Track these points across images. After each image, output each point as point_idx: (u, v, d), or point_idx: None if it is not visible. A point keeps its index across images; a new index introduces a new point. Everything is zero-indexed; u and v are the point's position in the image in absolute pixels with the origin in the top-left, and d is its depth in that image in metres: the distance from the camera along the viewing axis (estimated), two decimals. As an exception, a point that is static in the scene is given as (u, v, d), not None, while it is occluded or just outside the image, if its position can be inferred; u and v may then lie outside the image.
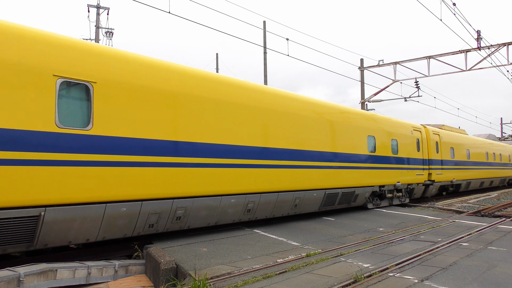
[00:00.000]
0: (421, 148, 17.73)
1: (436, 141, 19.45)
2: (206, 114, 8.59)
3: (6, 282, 5.53)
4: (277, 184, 10.23)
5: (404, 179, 16.07)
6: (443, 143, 20.25)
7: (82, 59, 6.75)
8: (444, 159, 19.99)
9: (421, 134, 18.05)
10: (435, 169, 18.78)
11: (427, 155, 18.25)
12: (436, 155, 19.14)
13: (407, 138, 16.67)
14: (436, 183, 19.02)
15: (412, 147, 16.90)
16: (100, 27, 23.27)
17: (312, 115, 11.71)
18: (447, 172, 20.26)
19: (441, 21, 15.92)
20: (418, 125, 18.38)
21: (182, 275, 6.41)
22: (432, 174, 18.47)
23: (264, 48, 21.69)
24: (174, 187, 7.84)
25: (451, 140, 21.57)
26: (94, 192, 6.64)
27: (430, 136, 18.88)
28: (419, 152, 17.54)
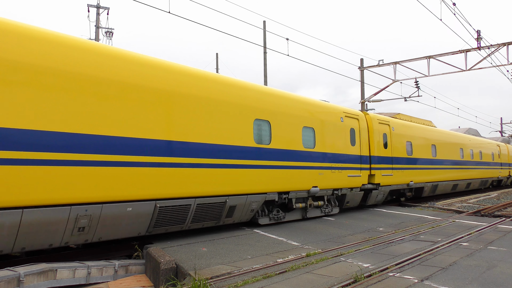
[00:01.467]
0: (358, 141, 13.78)
1: (384, 133, 15.36)
2: None
3: (6, 282, 5.53)
4: None
5: (327, 183, 12.13)
6: (396, 135, 16.11)
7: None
8: (396, 156, 15.90)
9: (359, 123, 14.00)
10: (381, 169, 14.79)
11: (367, 151, 14.27)
12: (383, 151, 15.11)
13: (333, 126, 12.61)
14: (383, 187, 14.98)
15: (342, 140, 12.92)
16: (100, 27, 23.27)
17: None
18: (401, 173, 16.08)
19: (441, 21, 15.93)
20: (355, 110, 14.27)
21: (182, 275, 6.41)
22: (376, 176, 14.43)
23: (264, 48, 21.68)
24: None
25: (408, 133, 17.27)
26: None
27: (374, 126, 14.73)
28: (355, 146, 13.56)
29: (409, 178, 16.80)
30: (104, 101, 7.01)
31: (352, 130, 13.64)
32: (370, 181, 14.46)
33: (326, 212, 12.70)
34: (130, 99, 7.39)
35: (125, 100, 7.33)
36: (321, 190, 11.99)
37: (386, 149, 15.39)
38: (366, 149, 14.23)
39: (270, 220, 10.73)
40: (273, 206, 10.82)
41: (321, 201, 12.35)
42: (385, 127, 15.62)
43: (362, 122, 14.28)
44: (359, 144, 13.87)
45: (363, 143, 14.13)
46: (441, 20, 15.94)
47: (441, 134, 20.88)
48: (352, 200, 13.68)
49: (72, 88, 6.63)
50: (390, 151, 15.62)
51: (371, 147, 14.57)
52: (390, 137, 15.78)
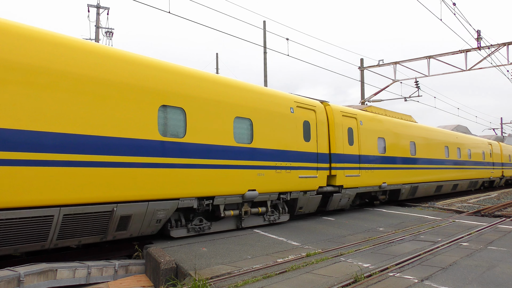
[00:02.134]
0: (314, 136, 11.78)
1: (350, 127, 13.41)
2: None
3: (6, 282, 5.53)
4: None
5: (270, 185, 10.18)
6: (365, 130, 14.14)
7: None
8: (365, 154, 13.93)
9: (316, 115, 11.96)
10: (345, 169, 12.82)
11: (326, 148, 12.27)
12: (348, 148, 13.15)
13: (279, 118, 10.60)
14: (347, 189, 13.05)
15: (292, 134, 10.91)
16: (100, 27, 23.27)
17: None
18: (370, 173, 14.10)
19: (441, 21, 15.93)
20: (310, 100, 12.20)
21: (182, 275, 6.41)
22: (338, 177, 12.48)
23: (264, 48, 21.68)
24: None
25: (381, 128, 15.18)
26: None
27: (335, 119, 12.76)
28: (310, 142, 11.58)
29: (382, 179, 14.74)
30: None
31: (307, 123, 11.53)
32: (330, 182, 12.50)
33: (271, 220, 10.69)
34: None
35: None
36: (261, 194, 9.96)
37: (352, 146, 13.36)
38: (325, 146, 12.20)
39: (189, 231, 8.77)
40: (194, 214, 8.92)
41: (263, 207, 10.34)
42: (351, 120, 13.55)
43: (321, 114, 12.19)
44: (315, 140, 11.78)
45: (321, 139, 12.07)
46: (441, 20, 15.94)
47: (422, 131, 18.61)
48: (306, 205, 11.68)
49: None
50: (357, 148, 13.60)
51: (332, 144, 12.55)
52: (357, 132, 13.72)
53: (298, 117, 11.30)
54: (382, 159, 14.90)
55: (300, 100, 11.63)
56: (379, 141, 14.98)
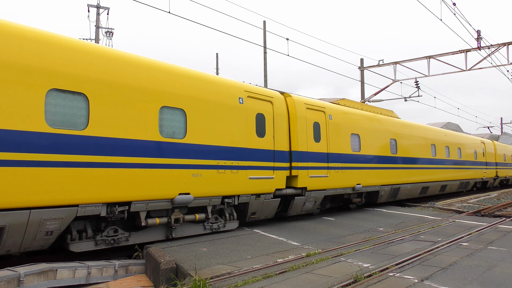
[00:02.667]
0: (270, 131, 10.31)
1: (317, 122, 11.95)
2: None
3: (6, 282, 5.53)
4: None
5: (210, 188, 8.78)
6: (335, 126, 12.67)
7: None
8: (334, 152, 12.44)
9: (273, 107, 10.54)
10: (309, 169, 11.35)
11: (286, 144, 10.78)
12: (314, 145, 11.69)
13: (224, 110, 9.16)
14: (312, 192, 11.51)
15: (241, 129, 9.50)
16: (100, 27, 23.28)
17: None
18: (341, 173, 12.65)
19: (441, 21, 15.93)
20: (266, 90, 10.78)
21: (182, 275, 6.41)
22: (300, 178, 11.00)
23: (264, 48, 21.69)
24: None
25: (355, 123, 13.76)
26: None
27: (297, 112, 11.24)
28: (265, 138, 10.13)
29: (356, 180, 13.32)
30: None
31: (261, 116, 10.09)
32: (291, 184, 11.03)
33: (214, 228, 9.22)
34: None
35: None
36: (198, 199, 8.51)
37: (319, 143, 11.88)
38: (284, 142, 10.71)
39: (97, 244, 7.22)
40: (107, 223, 7.42)
41: (203, 213, 8.93)
42: (317, 114, 12.07)
43: (279, 107, 10.74)
44: (271, 136, 10.29)
45: (279, 134, 10.58)
46: (441, 20, 15.95)
47: (405, 127, 17.12)
48: (260, 210, 10.20)
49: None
50: (325, 145, 12.11)
51: (293, 140, 11.06)
52: (325, 128, 12.26)
53: (249, 109, 9.79)
54: (357, 158, 13.50)
55: (252, 89, 10.09)
56: (353, 138, 13.53)
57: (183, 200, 8.18)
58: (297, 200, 11.19)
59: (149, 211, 7.90)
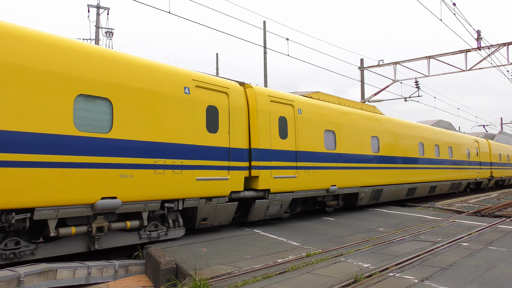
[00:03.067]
0: (225, 126, 9.23)
1: (283, 116, 10.77)
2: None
3: (6, 282, 5.53)
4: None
5: (145, 191, 7.57)
6: (305, 121, 11.46)
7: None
8: (304, 150, 11.30)
9: (229, 99, 9.42)
10: (273, 168, 10.22)
11: (244, 141, 9.69)
12: (279, 142, 10.54)
13: (165, 100, 8.01)
14: (276, 194, 10.37)
15: (186, 122, 8.38)
16: (100, 27, 23.29)
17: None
18: (313, 174, 11.48)
19: (441, 21, 15.93)
20: (221, 80, 9.55)
21: (182, 275, 6.41)
22: (261, 178, 9.89)
23: (264, 48, 21.69)
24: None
25: (329, 118, 12.54)
26: None
27: (259, 105, 10.08)
28: (218, 133, 9.04)
29: (330, 181, 12.13)
30: None
31: (213, 109, 8.98)
32: (251, 186, 9.94)
33: (152, 237, 8.03)
34: None
35: None
36: (128, 204, 7.30)
37: (286, 140, 10.70)
38: (241, 139, 9.58)
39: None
40: (6, 233, 6.23)
41: (136, 220, 7.65)
42: (284, 108, 10.89)
43: (236, 99, 9.60)
44: (226, 131, 9.22)
45: (236, 130, 9.48)
46: (441, 20, 15.95)
47: (388, 124, 15.85)
48: (213, 216, 9.03)
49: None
50: (293, 142, 10.93)
51: (253, 136, 9.92)
52: (294, 123, 11.06)
53: (197, 101, 8.66)
54: (331, 157, 12.32)
55: (202, 78, 8.91)
56: (327, 135, 12.33)
57: (107, 205, 6.90)
58: (258, 204, 9.94)
59: (63, 218, 6.68)
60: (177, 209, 8.25)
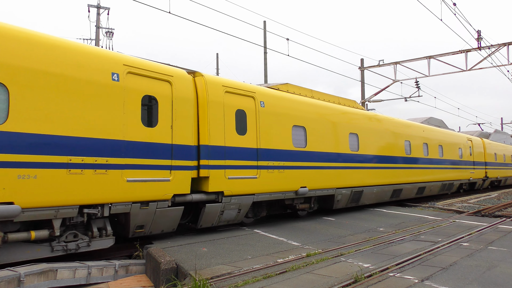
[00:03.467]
0: (166, 119, 8.10)
1: (241, 109, 9.69)
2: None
3: (6, 282, 5.53)
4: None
5: (54, 195, 6.40)
6: (269, 115, 10.34)
7: None
8: (267, 147, 10.15)
9: (172, 88, 8.27)
10: (227, 168, 9.09)
11: (191, 137, 8.54)
12: (236, 138, 9.44)
13: (84, 88, 6.87)
14: (233, 197, 9.23)
15: (114, 114, 7.21)
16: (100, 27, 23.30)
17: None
18: (277, 174, 10.33)
19: (441, 21, 15.94)
20: (160, 66, 8.31)
21: (182, 275, 6.41)
22: (212, 179, 8.74)
23: (264, 48, 21.69)
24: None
25: (299, 113, 11.36)
26: None
27: (210, 96, 8.97)
28: (157, 128, 7.90)
29: (299, 182, 10.98)
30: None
31: (150, 99, 7.86)
32: (201, 188, 8.83)
33: (69, 249, 6.84)
34: None
35: None
36: (32, 210, 6.15)
37: (245, 136, 9.60)
38: (188, 134, 8.44)
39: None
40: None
41: (45, 229, 6.55)
42: (244, 100, 9.78)
43: (182, 89, 8.44)
44: (168, 125, 8.11)
45: (181, 124, 8.33)
46: (442, 20, 15.95)
47: (370, 120, 14.77)
48: (153, 222, 7.92)
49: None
50: (254, 139, 9.81)
51: (203, 131, 8.80)
52: (255, 117, 9.93)
53: (130, 89, 7.51)
54: (301, 156, 11.12)
55: (137, 63, 7.77)
56: (296, 131, 11.15)
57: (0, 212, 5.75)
58: (209, 209, 8.81)
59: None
60: (102, 215, 7.05)
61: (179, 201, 8.29)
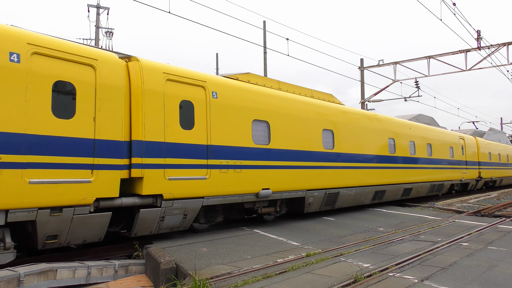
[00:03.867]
0: (88, 110, 6.96)
1: (188, 100, 8.48)
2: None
3: (6, 282, 5.53)
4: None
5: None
6: (224, 108, 9.15)
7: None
8: (221, 144, 8.97)
9: (96, 74, 7.14)
10: (167, 167, 7.87)
11: (119, 131, 7.31)
12: (181, 133, 8.25)
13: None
14: (175, 201, 8.02)
15: (11, 104, 6.04)
16: (100, 27, 23.30)
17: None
18: (234, 175, 9.17)
19: (441, 21, 15.95)
20: (83, 47, 7.25)
21: (182, 275, 6.42)
22: (146, 180, 7.55)
23: (264, 48, 21.68)
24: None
25: (261, 106, 10.12)
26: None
27: (145, 84, 7.76)
28: (72, 120, 6.76)
29: (261, 184, 9.80)
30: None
31: (65, 85, 6.72)
32: (134, 190, 7.62)
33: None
34: None
35: None
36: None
37: (192, 131, 8.43)
38: (116, 128, 7.23)
39: None
40: None
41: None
42: (191, 90, 8.57)
43: (109, 75, 7.22)
44: (91, 117, 6.96)
45: (108, 115, 7.12)
46: (441, 20, 15.96)
47: (347, 116, 13.44)
48: (70, 231, 6.73)
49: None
50: (203, 134, 8.64)
51: (136, 124, 7.57)
52: (206, 110, 8.75)
53: (37, 74, 6.37)
54: (263, 154, 9.95)
55: (46, 43, 6.55)
56: (258, 126, 9.94)
57: None
58: (144, 214, 7.55)
59: None
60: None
61: (105, 206, 7.03)
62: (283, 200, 11.05)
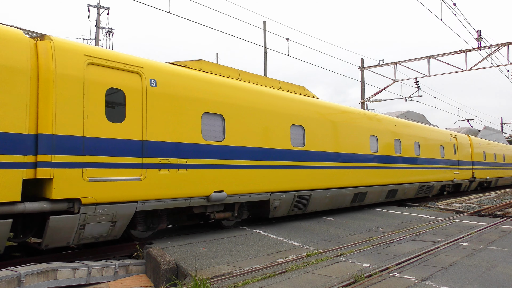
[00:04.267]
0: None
1: (117, 88, 7.26)
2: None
3: (6, 282, 5.53)
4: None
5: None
6: (166, 98, 7.96)
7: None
8: (160, 140, 7.78)
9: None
10: (87, 167, 6.67)
11: (21, 123, 6.01)
12: (108, 127, 7.06)
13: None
14: (97, 206, 6.78)
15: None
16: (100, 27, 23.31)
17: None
18: (178, 175, 8.00)
19: (441, 21, 15.95)
20: None
21: (182, 275, 6.42)
22: (57, 181, 6.27)
23: (264, 48, 21.68)
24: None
25: (214, 97, 8.93)
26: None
27: (58, 68, 6.43)
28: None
29: (213, 185, 8.66)
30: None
31: None
32: (43, 193, 6.44)
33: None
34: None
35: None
36: None
37: (122, 124, 7.24)
38: (14, 118, 5.98)
39: None
40: None
41: None
42: (124, 77, 7.38)
43: (6, 54, 5.97)
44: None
45: (2, 103, 5.87)
46: (442, 20, 15.96)
47: (322, 110, 12.15)
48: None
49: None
50: (138, 128, 7.45)
51: (44, 115, 6.33)
52: (141, 100, 7.55)
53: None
54: (216, 151, 8.80)
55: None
56: (208, 120, 8.75)
57: None
58: (56, 222, 6.37)
59: None
60: None
61: (2, 212, 5.87)
62: (242, 203, 9.96)
